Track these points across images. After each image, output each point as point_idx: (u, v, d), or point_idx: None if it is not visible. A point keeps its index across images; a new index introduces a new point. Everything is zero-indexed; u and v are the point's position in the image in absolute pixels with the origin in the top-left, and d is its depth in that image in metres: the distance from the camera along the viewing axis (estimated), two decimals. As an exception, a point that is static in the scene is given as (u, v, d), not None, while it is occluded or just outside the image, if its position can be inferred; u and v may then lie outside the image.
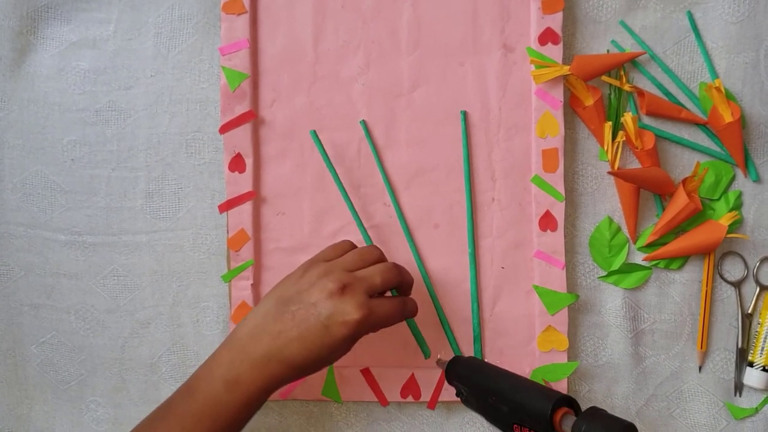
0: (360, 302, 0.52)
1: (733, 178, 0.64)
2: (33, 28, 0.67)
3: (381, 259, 0.57)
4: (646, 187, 0.63)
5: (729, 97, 0.63)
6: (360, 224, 0.64)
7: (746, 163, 0.64)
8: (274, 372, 0.51)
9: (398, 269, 0.56)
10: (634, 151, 0.63)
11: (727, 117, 0.62)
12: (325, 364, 0.53)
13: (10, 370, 0.68)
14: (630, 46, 0.64)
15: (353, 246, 0.58)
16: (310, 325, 0.51)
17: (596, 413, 0.48)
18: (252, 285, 0.64)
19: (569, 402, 0.50)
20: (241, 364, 0.52)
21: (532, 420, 0.49)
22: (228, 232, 0.64)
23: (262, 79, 0.65)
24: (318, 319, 0.51)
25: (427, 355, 0.64)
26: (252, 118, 0.64)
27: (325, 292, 0.52)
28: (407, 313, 0.57)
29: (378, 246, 0.58)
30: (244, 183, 0.64)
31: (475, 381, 0.56)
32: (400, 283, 0.56)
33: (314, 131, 0.64)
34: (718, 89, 0.62)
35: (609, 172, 0.63)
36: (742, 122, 0.63)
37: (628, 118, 0.62)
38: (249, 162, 0.64)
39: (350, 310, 0.51)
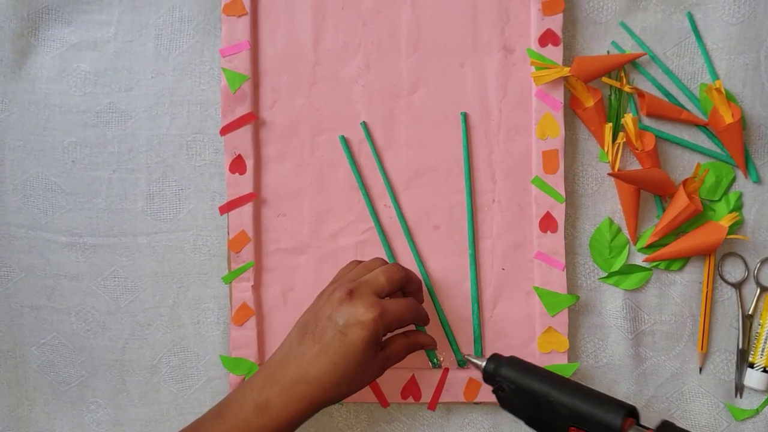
0: (370, 302, 0.53)
1: (734, 180, 0.64)
2: (34, 30, 0.67)
3: (382, 263, 0.58)
4: (646, 188, 0.63)
5: (729, 97, 0.63)
6: (380, 231, 0.65)
7: (747, 164, 0.64)
8: (303, 395, 0.52)
9: (402, 268, 0.57)
10: (635, 152, 0.63)
11: (728, 118, 0.62)
12: (355, 382, 0.54)
13: (10, 371, 0.68)
14: (630, 47, 0.65)
15: (357, 262, 0.60)
16: (329, 338, 0.52)
17: (668, 427, 0.48)
18: (252, 286, 0.64)
19: (632, 412, 0.50)
20: (271, 389, 0.52)
21: (599, 427, 0.49)
22: (228, 234, 0.64)
23: (263, 81, 0.65)
24: (335, 329, 0.52)
25: (434, 364, 0.64)
26: (252, 119, 0.64)
27: (335, 302, 0.53)
28: (420, 316, 0.58)
29: (379, 246, 0.58)
30: (244, 184, 0.64)
31: (524, 382, 0.54)
32: (406, 281, 0.57)
33: (343, 137, 0.65)
34: (718, 90, 0.62)
35: (609, 174, 0.63)
36: (742, 123, 0.63)
37: (628, 119, 0.62)
38: (249, 163, 0.64)
39: (362, 311, 0.52)
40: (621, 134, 0.63)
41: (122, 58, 0.67)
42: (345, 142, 0.65)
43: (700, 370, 0.65)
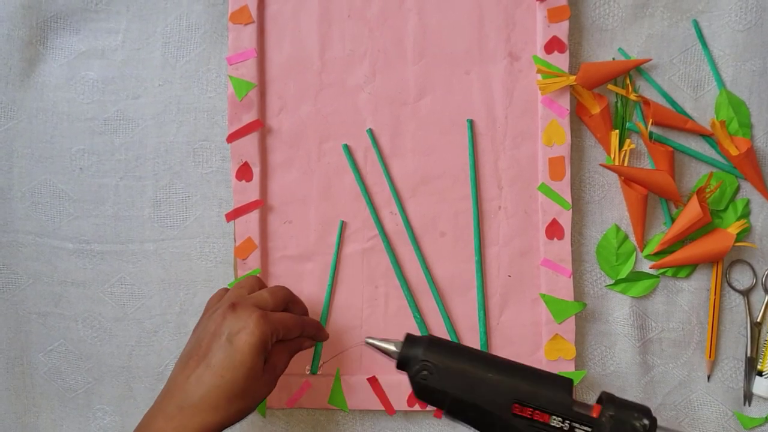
0: (253, 309, 0.52)
1: (738, 189, 0.64)
2: (42, 38, 0.67)
3: (261, 284, 0.59)
4: (644, 186, 0.63)
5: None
6: (384, 238, 0.65)
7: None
8: (191, 420, 0.48)
9: (285, 288, 0.58)
10: (649, 147, 0.63)
11: (733, 151, 0.62)
12: (246, 394, 0.51)
13: (17, 378, 0.68)
14: (636, 54, 0.64)
15: (225, 289, 0.60)
16: (214, 351, 0.51)
17: (615, 397, 0.48)
18: (259, 293, 0.64)
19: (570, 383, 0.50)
20: (154, 422, 0.49)
21: (547, 400, 0.48)
22: (235, 241, 0.65)
23: (269, 88, 0.66)
24: (220, 341, 0.51)
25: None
26: (259, 126, 0.65)
27: (218, 318, 0.52)
28: (308, 330, 0.58)
29: (384, 254, 0.58)
30: (251, 192, 0.65)
31: (454, 360, 0.50)
32: (291, 302, 0.58)
33: (346, 145, 0.65)
34: (722, 124, 0.62)
35: (601, 164, 0.63)
36: (746, 131, 0.63)
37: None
38: (256, 171, 0.65)
39: (246, 318, 0.51)
40: (627, 141, 0.63)
41: (130, 66, 0.67)
42: (348, 150, 0.65)
43: (708, 378, 0.65)
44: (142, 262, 0.67)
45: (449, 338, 0.64)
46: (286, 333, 0.54)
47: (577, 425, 0.47)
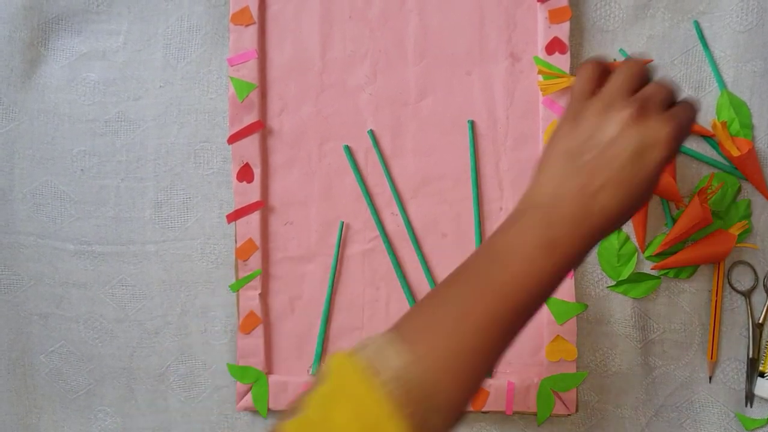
0: (665, 117, 0.45)
1: (739, 190, 0.64)
2: (44, 40, 0.67)
3: (648, 72, 0.48)
4: None
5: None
6: (385, 239, 0.65)
7: None
8: (591, 227, 0.44)
9: (669, 82, 0.48)
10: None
11: (734, 152, 0.62)
12: (639, 205, 0.46)
13: (19, 379, 0.68)
14: (638, 54, 0.64)
15: (600, 67, 0.49)
16: (620, 163, 0.44)
17: None
18: (260, 294, 0.64)
19: None
20: (554, 227, 0.44)
21: None
22: (236, 242, 0.65)
23: (270, 89, 0.66)
24: (627, 152, 0.44)
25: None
26: (260, 128, 0.65)
27: (621, 123, 0.45)
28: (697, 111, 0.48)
29: (385, 255, 0.57)
30: (251, 193, 0.65)
31: None
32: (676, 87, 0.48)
33: (347, 146, 0.65)
34: (723, 125, 0.62)
35: None
36: (747, 132, 0.63)
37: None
38: (257, 172, 0.65)
39: (659, 126, 0.44)
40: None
41: (131, 67, 0.67)
42: (349, 151, 0.65)
43: (710, 379, 0.65)
44: (143, 264, 0.67)
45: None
46: (688, 134, 0.47)
47: None
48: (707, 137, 0.64)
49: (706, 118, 0.64)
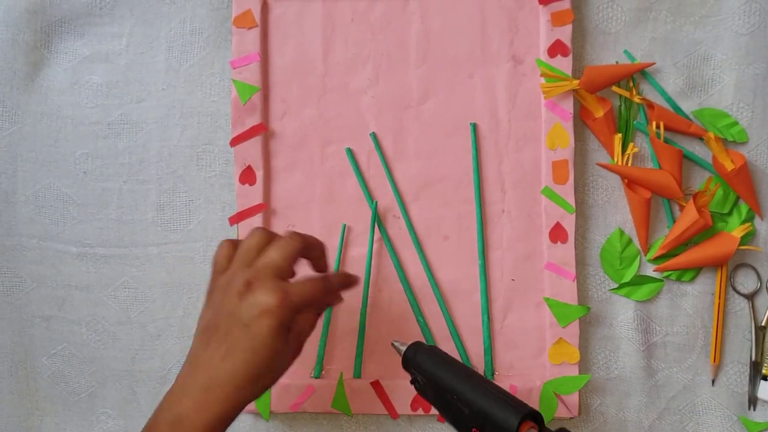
0: (271, 287, 0.48)
1: (742, 192, 0.64)
2: (47, 43, 0.67)
3: (270, 237, 0.53)
4: (644, 186, 0.63)
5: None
6: (387, 242, 0.65)
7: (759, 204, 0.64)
8: (218, 400, 0.48)
9: (295, 235, 0.52)
10: (657, 147, 0.62)
11: (728, 165, 0.62)
12: (273, 372, 0.50)
13: (21, 381, 0.68)
14: (641, 57, 0.64)
15: (232, 243, 0.54)
16: (234, 335, 0.48)
17: None
18: (262, 297, 0.64)
19: (535, 417, 0.48)
20: (180, 404, 0.48)
21: (495, 429, 0.48)
22: (238, 244, 0.65)
23: (273, 92, 0.66)
24: (239, 324, 0.48)
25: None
26: (262, 130, 0.65)
27: (234, 296, 0.49)
28: (334, 285, 0.54)
29: (387, 257, 0.57)
30: (254, 195, 0.65)
31: (436, 373, 0.53)
32: (306, 248, 0.53)
33: (349, 149, 0.65)
34: (716, 139, 0.62)
35: (598, 164, 0.63)
36: (743, 136, 0.63)
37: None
38: (259, 174, 0.65)
39: (264, 299, 0.48)
40: (630, 144, 0.63)
41: (133, 70, 0.67)
42: (351, 154, 0.65)
43: (713, 382, 0.64)
44: (146, 266, 0.67)
45: (453, 341, 0.64)
46: (309, 304, 0.51)
47: None
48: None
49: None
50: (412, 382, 0.54)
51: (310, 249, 0.54)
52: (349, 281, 0.56)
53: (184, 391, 0.49)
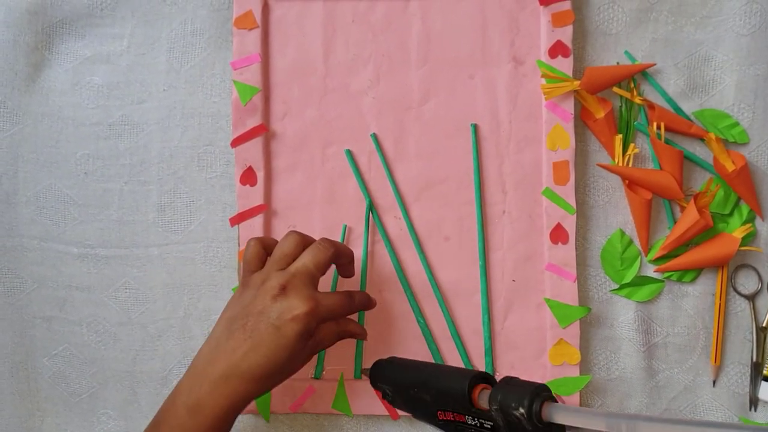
0: (305, 295, 0.53)
1: (744, 192, 0.64)
2: (48, 44, 0.67)
3: (305, 241, 0.57)
4: (645, 186, 0.63)
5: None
6: (387, 244, 0.65)
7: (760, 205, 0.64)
8: (235, 389, 0.51)
9: (329, 245, 0.56)
10: (658, 148, 0.62)
11: (729, 166, 0.62)
12: (285, 372, 0.54)
13: (22, 382, 0.68)
14: (642, 57, 0.64)
15: (260, 242, 0.58)
16: (261, 332, 0.52)
17: (510, 381, 0.47)
18: (263, 298, 0.64)
19: (486, 378, 0.49)
20: (200, 388, 0.52)
21: (454, 402, 0.49)
22: (239, 245, 0.65)
23: (273, 93, 0.66)
24: (268, 323, 0.52)
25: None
26: (263, 131, 0.65)
27: (268, 297, 0.53)
28: (356, 304, 0.58)
29: (388, 258, 0.57)
30: (255, 196, 0.65)
31: (396, 378, 0.55)
32: (336, 256, 0.57)
33: (349, 151, 0.65)
34: (717, 140, 0.62)
35: (598, 164, 0.63)
36: (744, 137, 0.63)
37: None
38: (260, 175, 0.65)
39: (297, 305, 0.52)
40: (631, 145, 0.63)
41: (135, 71, 0.67)
42: (351, 156, 0.65)
43: (714, 383, 0.64)
44: (147, 267, 0.67)
45: (453, 342, 0.64)
46: (332, 317, 0.55)
47: (483, 421, 0.47)
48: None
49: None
50: (383, 397, 0.56)
51: (340, 256, 0.58)
52: (369, 302, 0.61)
53: (204, 377, 0.52)
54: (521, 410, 0.44)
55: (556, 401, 0.45)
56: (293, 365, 0.54)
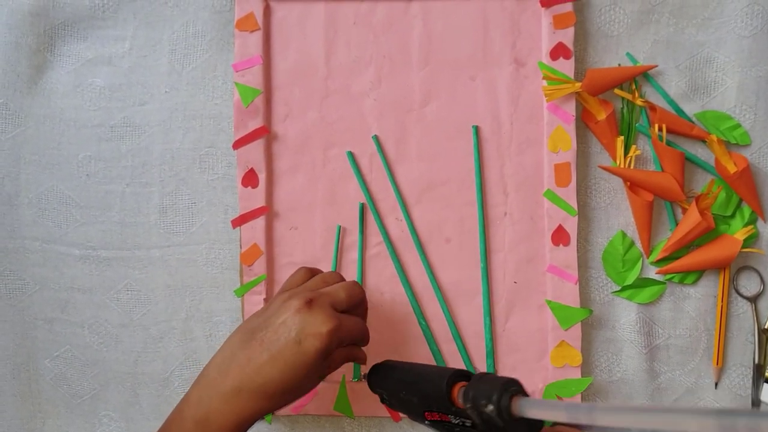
0: (329, 313, 0.50)
1: (746, 193, 0.64)
2: (50, 46, 0.68)
3: (341, 279, 0.56)
4: (646, 188, 0.63)
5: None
6: (389, 245, 0.65)
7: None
8: (245, 406, 0.49)
9: (362, 288, 0.56)
10: (660, 149, 0.62)
11: (731, 168, 0.62)
12: (299, 389, 0.51)
13: (23, 383, 0.68)
14: (643, 59, 0.64)
15: (310, 271, 0.57)
16: (281, 345, 0.49)
17: (482, 377, 0.47)
18: (265, 299, 0.64)
19: (468, 376, 0.49)
20: (210, 401, 0.49)
21: (437, 402, 0.49)
22: (241, 247, 0.65)
23: (275, 95, 0.66)
24: (288, 336, 0.49)
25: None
26: (265, 133, 0.65)
27: (291, 309, 0.50)
28: (366, 337, 0.56)
29: (390, 260, 0.57)
30: (256, 198, 0.65)
31: (388, 381, 0.55)
32: (362, 301, 0.56)
33: (351, 153, 0.65)
34: (719, 142, 0.62)
35: (600, 166, 0.63)
36: (745, 139, 0.63)
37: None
38: (262, 177, 0.65)
39: (320, 321, 0.50)
40: (633, 147, 0.63)
41: (136, 73, 0.67)
42: (353, 158, 0.65)
43: (716, 385, 0.64)
44: (148, 269, 0.67)
45: (455, 344, 0.64)
46: (350, 341, 0.54)
47: (464, 420, 0.47)
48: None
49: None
50: (381, 401, 0.56)
51: (363, 303, 0.57)
52: (366, 337, 0.58)
53: (215, 390, 0.50)
54: (490, 407, 0.44)
55: (527, 395, 0.44)
56: (306, 384, 0.51)
